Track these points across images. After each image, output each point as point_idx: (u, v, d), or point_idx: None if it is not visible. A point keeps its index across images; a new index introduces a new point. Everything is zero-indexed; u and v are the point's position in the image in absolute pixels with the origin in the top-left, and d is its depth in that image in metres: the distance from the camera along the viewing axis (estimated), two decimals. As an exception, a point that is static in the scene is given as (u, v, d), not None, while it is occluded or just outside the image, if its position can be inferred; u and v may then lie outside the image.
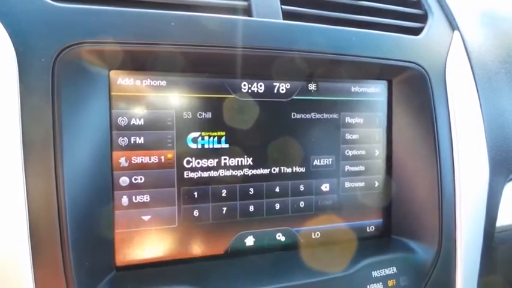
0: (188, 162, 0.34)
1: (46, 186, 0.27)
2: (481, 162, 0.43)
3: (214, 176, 0.35)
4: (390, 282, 0.36)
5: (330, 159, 0.39)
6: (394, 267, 0.36)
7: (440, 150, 0.39)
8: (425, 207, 0.40)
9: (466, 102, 0.42)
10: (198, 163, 0.34)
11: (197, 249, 0.35)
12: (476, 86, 0.44)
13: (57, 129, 0.27)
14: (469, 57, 0.44)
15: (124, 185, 0.32)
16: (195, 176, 0.34)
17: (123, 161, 0.32)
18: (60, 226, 0.27)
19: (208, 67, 0.33)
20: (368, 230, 0.41)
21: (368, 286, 0.35)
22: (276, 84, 0.36)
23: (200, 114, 0.34)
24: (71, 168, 0.28)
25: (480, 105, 0.44)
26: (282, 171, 0.37)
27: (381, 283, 0.35)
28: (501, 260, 0.50)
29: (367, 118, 0.40)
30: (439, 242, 0.38)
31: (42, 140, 0.27)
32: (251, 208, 0.36)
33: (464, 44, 0.44)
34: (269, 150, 0.36)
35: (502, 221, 0.49)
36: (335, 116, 0.39)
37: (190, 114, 0.34)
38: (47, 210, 0.27)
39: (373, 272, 0.35)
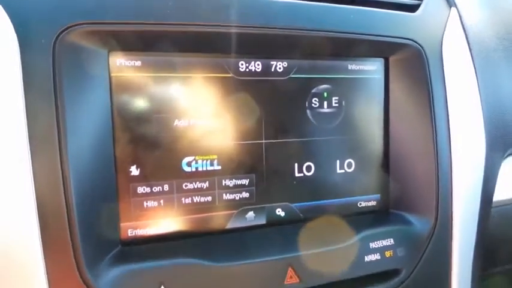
0: (190, 142, 0.35)
1: (51, 164, 0.28)
2: (478, 138, 0.44)
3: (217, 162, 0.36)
4: (387, 253, 0.37)
5: (329, 136, 0.39)
6: (391, 239, 0.37)
7: (436, 126, 0.40)
8: (422, 181, 0.40)
9: (462, 79, 0.43)
10: (198, 144, 0.35)
11: (199, 225, 0.36)
12: (473, 62, 0.45)
13: (60, 108, 0.28)
14: (466, 34, 0.44)
15: (127, 161, 0.33)
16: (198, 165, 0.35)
17: (124, 138, 0.33)
18: (67, 204, 0.28)
19: (206, 46, 0.34)
20: (366, 205, 0.41)
21: (366, 257, 0.36)
22: (274, 63, 0.37)
23: (198, 94, 0.35)
24: (75, 146, 0.29)
25: (477, 81, 0.45)
26: (281, 147, 0.37)
27: (378, 254, 0.36)
28: (498, 234, 0.51)
29: (365, 95, 0.41)
30: (435, 215, 0.39)
31: (46, 118, 0.28)
32: (252, 183, 0.37)
33: (461, 21, 0.44)
34: (266, 125, 0.37)
35: (499, 195, 0.50)
36: (333, 93, 0.39)
37: (188, 95, 0.34)
38: (53, 189, 0.28)
39: (370, 244, 0.36)
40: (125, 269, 0.30)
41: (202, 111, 0.35)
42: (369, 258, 0.36)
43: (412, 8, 0.41)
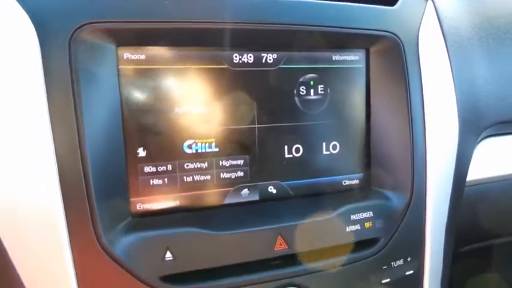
0: (190, 127, 0.39)
1: (71, 144, 0.33)
2: (451, 123, 0.48)
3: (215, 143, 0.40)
4: (367, 224, 0.41)
5: (316, 121, 0.43)
6: (370, 212, 0.42)
7: (412, 111, 0.44)
8: (400, 162, 0.45)
9: (437, 68, 0.47)
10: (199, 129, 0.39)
11: (200, 200, 0.40)
12: (447, 52, 0.49)
13: (77, 95, 0.33)
14: (441, 26, 0.48)
15: (134, 144, 0.37)
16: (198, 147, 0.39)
17: (132, 123, 0.37)
18: (85, 178, 0.33)
19: (203, 41, 0.38)
20: (350, 183, 0.46)
21: (347, 227, 0.40)
22: (264, 54, 0.41)
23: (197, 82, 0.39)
24: (90, 128, 0.33)
25: (451, 70, 0.49)
26: (272, 130, 0.42)
27: (358, 225, 0.41)
28: (473, 212, 0.56)
29: (348, 84, 0.45)
30: (410, 192, 0.44)
31: (65, 105, 0.33)
32: (246, 163, 0.41)
33: (437, 13, 0.48)
34: (259, 111, 0.41)
35: (472, 176, 0.54)
36: (319, 81, 0.43)
37: (187, 85, 0.38)
38: (73, 165, 0.33)
39: (351, 216, 0.41)
40: (136, 236, 0.35)
41: (201, 99, 0.39)
42: (350, 228, 0.41)
43: (391, 2, 0.45)
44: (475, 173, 0.55)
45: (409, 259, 0.43)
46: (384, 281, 0.41)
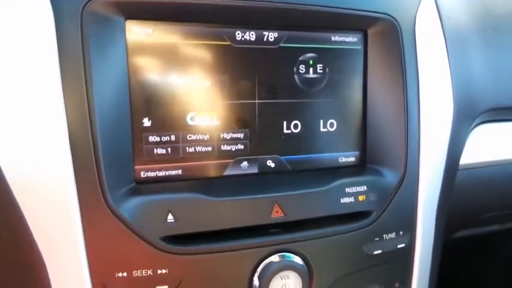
0: (194, 100, 0.41)
1: (81, 109, 0.35)
2: (446, 106, 0.50)
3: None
4: (360, 197, 0.43)
5: (314, 99, 0.45)
6: (364, 186, 0.43)
7: (408, 94, 0.46)
8: (394, 141, 0.46)
9: (433, 53, 0.49)
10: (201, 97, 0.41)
11: (201, 171, 0.42)
12: (444, 37, 0.50)
13: (87, 64, 0.35)
14: (438, 11, 0.50)
15: (140, 114, 0.39)
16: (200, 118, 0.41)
17: (138, 93, 0.39)
18: (93, 141, 0.35)
19: (206, 17, 0.40)
20: (346, 160, 0.48)
21: (341, 199, 0.42)
22: (266, 33, 0.43)
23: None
24: (99, 96, 0.35)
25: (448, 55, 0.51)
26: (271, 106, 0.44)
27: (352, 197, 0.43)
28: (463, 195, 0.57)
29: (346, 64, 0.46)
30: (404, 169, 0.45)
31: (76, 72, 0.35)
32: (246, 137, 0.43)
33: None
34: (259, 87, 0.43)
35: (466, 160, 0.56)
36: (318, 61, 0.45)
37: (192, 59, 0.40)
38: (82, 126, 0.35)
39: (346, 189, 0.43)
40: (140, 199, 0.37)
41: (204, 74, 0.41)
42: (344, 200, 0.42)
43: (390, -15, 0.47)
44: (469, 157, 0.57)
45: (401, 233, 0.45)
46: (375, 252, 0.43)
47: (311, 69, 0.45)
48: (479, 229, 0.69)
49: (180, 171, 0.42)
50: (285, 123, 0.45)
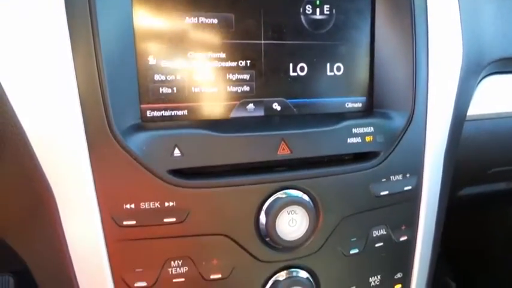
0: (199, 38, 0.40)
1: (86, 44, 0.34)
2: (455, 53, 0.49)
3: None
4: (367, 138, 0.43)
5: (320, 41, 0.45)
6: (371, 127, 0.43)
7: (417, 37, 0.45)
8: (402, 84, 0.46)
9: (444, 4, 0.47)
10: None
11: (207, 112, 0.42)
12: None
13: (94, 16, 0.34)
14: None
15: (145, 53, 0.39)
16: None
17: (143, 32, 0.39)
18: (99, 74, 0.35)
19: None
20: (353, 106, 0.47)
21: (348, 139, 0.42)
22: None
23: None
24: (104, 30, 0.35)
25: (458, 1, 0.49)
26: (277, 47, 0.43)
27: (359, 138, 0.42)
28: (471, 146, 0.57)
29: (354, 6, 0.45)
30: (411, 111, 0.45)
31: (81, 11, 0.34)
32: (252, 78, 0.43)
33: None
34: (265, 27, 0.42)
35: (473, 111, 0.55)
36: (324, 1, 0.44)
37: None
38: (88, 63, 0.34)
39: (353, 129, 0.42)
40: (147, 134, 0.37)
41: (209, 12, 0.40)
42: (351, 140, 0.42)
43: None
44: (476, 109, 0.56)
45: (408, 175, 0.44)
46: (382, 193, 0.43)
47: (318, 10, 0.44)
48: (485, 187, 0.68)
49: (185, 112, 0.42)
50: (291, 65, 0.44)
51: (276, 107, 0.45)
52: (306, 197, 0.40)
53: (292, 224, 0.39)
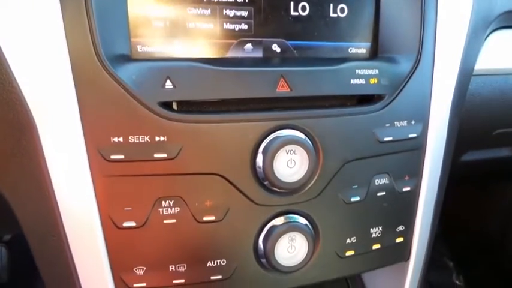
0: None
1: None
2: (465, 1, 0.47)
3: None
4: (372, 80, 0.40)
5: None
6: (376, 70, 0.41)
7: None
8: (409, 27, 0.43)
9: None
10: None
11: (202, 50, 0.39)
12: None
13: None
14: None
15: None
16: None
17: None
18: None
19: None
20: (356, 51, 0.45)
21: (352, 80, 0.40)
22: None
23: None
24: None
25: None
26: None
27: (363, 79, 0.40)
28: (477, 103, 0.55)
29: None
30: (418, 54, 0.42)
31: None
32: (250, 16, 0.40)
33: None
34: None
35: (480, 65, 0.53)
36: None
37: None
38: None
39: (357, 70, 0.40)
40: (138, 65, 0.35)
41: None
42: (354, 81, 0.40)
43: None
44: (484, 63, 0.54)
45: (413, 122, 0.42)
46: (386, 139, 0.41)
47: None
48: (488, 152, 0.67)
49: (179, 49, 0.39)
50: (292, 3, 0.42)
51: (276, 48, 0.42)
52: (306, 138, 0.38)
53: (291, 165, 0.37)
